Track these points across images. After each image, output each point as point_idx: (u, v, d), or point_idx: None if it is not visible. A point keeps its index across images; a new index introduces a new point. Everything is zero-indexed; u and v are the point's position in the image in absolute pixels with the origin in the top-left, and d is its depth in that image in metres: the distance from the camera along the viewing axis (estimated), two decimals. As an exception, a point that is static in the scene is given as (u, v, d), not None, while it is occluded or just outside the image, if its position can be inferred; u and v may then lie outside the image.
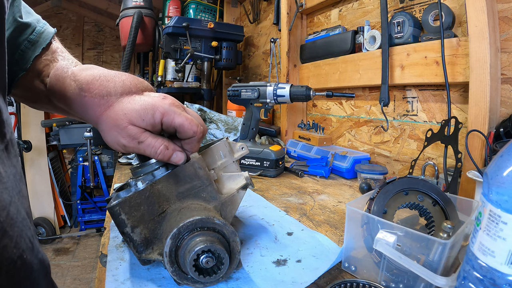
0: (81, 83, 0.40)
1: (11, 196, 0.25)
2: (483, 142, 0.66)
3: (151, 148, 0.39)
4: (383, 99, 0.89)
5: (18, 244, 0.25)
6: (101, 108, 0.39)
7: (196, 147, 0.43)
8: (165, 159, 0.40)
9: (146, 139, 0.39)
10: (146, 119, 0.39)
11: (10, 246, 0.24)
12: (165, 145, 0.39)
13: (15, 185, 0.27)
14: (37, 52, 0.42)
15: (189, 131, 0.40)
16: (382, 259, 0.39)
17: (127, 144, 0.39)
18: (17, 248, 0.25)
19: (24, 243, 0.26)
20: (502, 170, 0.26)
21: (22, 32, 0.41)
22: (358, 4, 1.09)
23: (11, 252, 0.24)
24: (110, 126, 0.39)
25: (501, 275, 0.26)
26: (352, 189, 0.83)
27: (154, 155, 0.39)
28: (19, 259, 0.25)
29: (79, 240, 2.58)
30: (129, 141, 0.39)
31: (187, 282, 0.38)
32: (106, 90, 0.39)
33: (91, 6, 3.31)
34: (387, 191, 0.45)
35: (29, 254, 0.27)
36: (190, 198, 0.43)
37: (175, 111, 0.39)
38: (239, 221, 0.60)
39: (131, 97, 0.40)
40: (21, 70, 0.42)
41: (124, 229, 0.39)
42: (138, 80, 0.42)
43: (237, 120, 1.33)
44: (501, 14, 0.68)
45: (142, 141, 0.39)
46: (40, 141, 2.58)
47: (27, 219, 0.28)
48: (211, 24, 1.57)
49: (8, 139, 0.27)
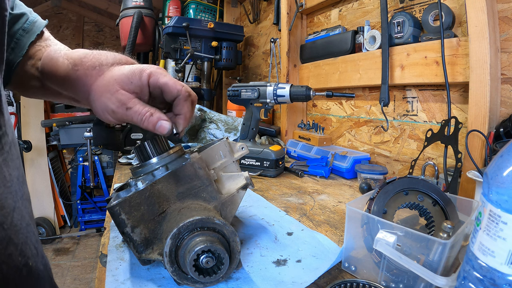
0: (74, 60, 0.41)
1: (15, 201, 0.25)
2: (483, 142, 0.66)
3: (137, 115, 0.40)
4: (383, 99, 0.89)
5: (24, 251, 0.24)
6: (92, 78, 0.41)
7: (185, 109, 0.43)
8: (149, 127, 0.40)
9: (134, 106, 0.40)
10: (134, 81, 0.40)
11: (15, 254, 0.23)
12: (151, 112, 0.40)
13: (19, 189, 0.26)
14: (32, 38, 0.44)
15: (173, 89, 0.42)
16: (382, 259, 0.39)
17: (116, 109, 0.40)
18: (23, 256, 0.24)
19: (29, 250, 0.25)
20: (502, 170, 0.26)
21: (16, 22, 0.43)
22: (358, 4, 1.09)
23: (16, 260, 0.23)
24: (100, 93, 0.40)
25: (501, 275, 0.26)
26: (352, 189, 0.83)
27: (140, 121, 0.40)
28: (25, 267, 0.24)
29: (79, 240, 2.58)
30: (118, 107, 0.39)
31: (187, 282, 0.38)
32: (99, 61, 0.41)
33: (91, 6, 3.30)
34: (387, 191, 0.45)
35: (35, 261, 0.26)
36: (190, 198, 0.43)
37: (161, 73, 0.42)
38: (239, 221, 0.60)
39: (122, 66, 0.42)
40: (17, 57, 0.43)
41: (124, 229, 0.39)
42: (129, 57, 0.45)
43: (237, 120, 1.33)
44: (501, 14, 0.68)
45: (130, 107, 0.40)
46: (40, 141, 2.58)
47: (31, 224, 0.27)
48: (211, 24, 1.57)
49: (10, 140, 0.26)
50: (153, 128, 0.40)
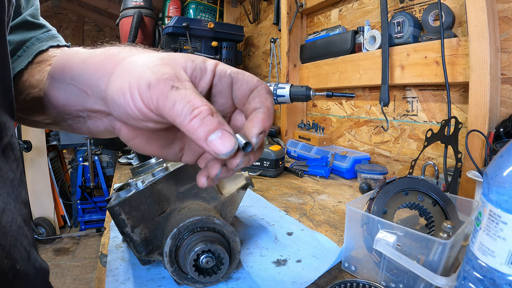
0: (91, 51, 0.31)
1: (6, 203, 0.23)
2: (483, 142, 0.66)
3: (186, 103, 0.22)
4: (383, 99, 0.89)
5: (11, 254, 0.23)
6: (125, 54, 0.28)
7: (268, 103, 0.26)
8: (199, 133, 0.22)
9: (185, 86, 0.23)
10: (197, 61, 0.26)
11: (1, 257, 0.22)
12: (210, 107, 0.23)
13: (12, 191, 0.25)
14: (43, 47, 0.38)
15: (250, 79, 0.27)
16: (382, 259, 0.39)
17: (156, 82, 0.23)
18: (9, 259, 0.23)
19: (17, 253, 0.24)
20: (502, 170, 0.26)
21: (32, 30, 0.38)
22: (358, 4, 1.09)
23: (1, 263, 0.22)
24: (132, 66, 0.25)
25: (501, 275, 0.26)
26: (352, 189, 0.83)
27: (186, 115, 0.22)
28: (11, 271, 0.23)
29: (79, 240, 2.58)
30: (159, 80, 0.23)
31: (187, 282, 0.38)
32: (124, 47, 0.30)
33: (91, 6, 3.31)
34: (387, 191, 0.45)
35: (24, 264, 0.25)
36: (190, 198, 0.43)
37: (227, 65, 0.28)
38: (239, 221, 0.60)
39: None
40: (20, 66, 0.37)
41: (124, 229, 0.39)
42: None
43: (237, 120, 1.33)
44: (501, 14, 0.68)
45: (178, 87, 0.23)
46: (40, 141, 2.58)
47: (23, 227, 0.26)
48: (211, 24, 1.57)
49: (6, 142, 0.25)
50: (204, 138, 0.22)
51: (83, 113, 0.31)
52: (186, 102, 0.22)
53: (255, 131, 0.24)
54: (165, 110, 0.23)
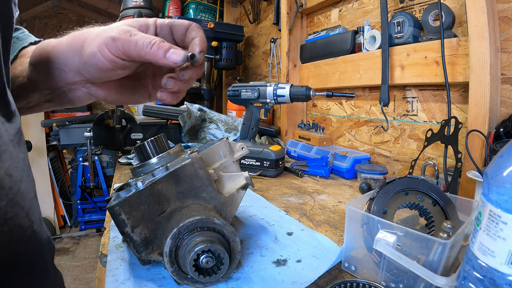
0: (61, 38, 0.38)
1: (22, 175, 0.26)
2: (483, 142, 0.66)
3: (145, 39, 0.34)
4: (383, 99, 0.89)
5: (29, 215, 0.26)
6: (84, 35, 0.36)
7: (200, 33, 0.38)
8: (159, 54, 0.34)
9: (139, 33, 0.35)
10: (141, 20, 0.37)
11: (21, 215, 0.25)
12: (160, 38, 0.35)
13: (24, 169, 0.27)
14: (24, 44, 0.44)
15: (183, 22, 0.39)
16: (382, 259, 0.39)
17: (118, 35, 0.33)
18: (28, 219, 0.26)
19: (34, 216, 0.27)
20: (502, 170, 0.26)
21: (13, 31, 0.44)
22: (358, 4, 1.09)
23: (22, 220, 0.25)
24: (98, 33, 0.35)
25: (501, 275, 0.26)
26: (352, 189, 0.83)
27: (147, 48, 0.33)
28: (29, 229, 0.26)
29: (79, 240, 2.58)
30: (120, 33, 0.34)
31: (187, 282, 0.38)
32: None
33: (91, 6, 3.30)
34: (387, 191, 0.45)
35: (38, 227, 0.27)
36: (190, 198, 0.43)
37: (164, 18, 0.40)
38: (239, 221, 0.60)
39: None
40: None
41: (124, 229, 0.39)
42: None
43: (237, 120, 1.33)
44: (501, 14, 0.68)
45: (135, 33, 0.34)
46: (40, 141, 2.58)
47: (35, 200, 0.29)
48: (211, 24, 1.57)
49: (18, 127, 0.28)
50: (163, 55, 0.34)
51: (64, 87, 0.39)
52: (144, 39, 0.34)
53: (197, 49, 0.37)
54: (130, 50, 0.34)
